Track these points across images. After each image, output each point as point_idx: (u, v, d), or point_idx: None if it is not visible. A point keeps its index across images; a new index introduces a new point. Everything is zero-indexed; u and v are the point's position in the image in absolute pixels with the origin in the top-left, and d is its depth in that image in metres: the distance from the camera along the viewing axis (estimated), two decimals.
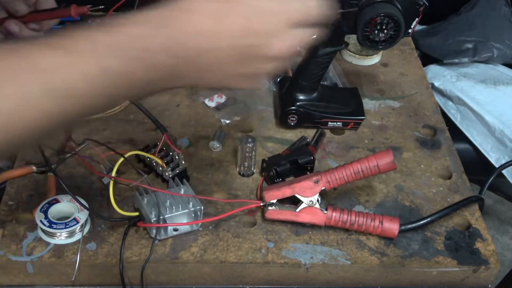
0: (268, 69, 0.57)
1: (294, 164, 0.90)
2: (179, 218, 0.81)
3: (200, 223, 0.83)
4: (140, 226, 0.81)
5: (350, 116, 1.01)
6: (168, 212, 0.80)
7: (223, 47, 0.54)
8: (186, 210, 0.81)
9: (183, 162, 0.90)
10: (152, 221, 0.78)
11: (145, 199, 0.81)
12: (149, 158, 0.89)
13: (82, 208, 0.82)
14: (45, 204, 0.82)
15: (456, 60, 1.77)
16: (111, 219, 0.81)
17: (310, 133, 1.01)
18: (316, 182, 0.82)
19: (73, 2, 0.82)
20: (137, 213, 0.80)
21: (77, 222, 0.80)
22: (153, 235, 0.80)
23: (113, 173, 0.79)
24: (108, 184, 0.83)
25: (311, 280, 0.83)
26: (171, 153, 0.91)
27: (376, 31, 0.85)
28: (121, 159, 0.79)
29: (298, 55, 0.96)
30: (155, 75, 0.53)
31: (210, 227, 0.84)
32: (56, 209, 0.82)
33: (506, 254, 1.97)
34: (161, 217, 0.78)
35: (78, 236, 0.81)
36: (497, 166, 1.35)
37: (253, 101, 1.07)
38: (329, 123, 1.01)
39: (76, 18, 0.79)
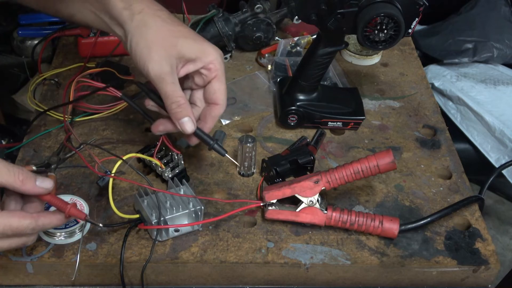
0: None
1: (294, 164, 0.90)
2: (180, 219, 0.81)
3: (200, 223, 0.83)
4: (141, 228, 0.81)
5: (350, 116, 1.01)
6: (168, 213, 0.80)
7: None
8: (187, 211, 0.81)
9: (182, 162, 0.90)
10: (153, 222, 0.78)
11: (145, 201, 0.81)
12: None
13: (83, 208, 0.82)
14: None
15: (456, 60, 1.77)
16: (113, 224, 0.81)
17: (310, 133, 1.01)
18: (316, 182, 0.82)
19: None
20: (137, 216, 0.80)
21: (77, 222, 0.80)
22: (153, 236, 0.80)
23: (112, 173, 0.78)
24: (104, 186, 0.83)
25: (311, 280, 0.83)
26: (170, 153, 0.91)
27: (376, 31, 0.85)
28: (120, 161, 0.79)
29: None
30: None
31: (210, 227, 0.84)
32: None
33: (506, 254, 1.97)
34: (162, 219, 0.78)
35: (78, 236, 0.81)
36: (497, 166, 1.35)
37: (253, 101, 1.08)
38: (329, 123, 1.01)
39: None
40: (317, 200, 0.82)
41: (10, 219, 0.66)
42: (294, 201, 0.83)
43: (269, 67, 1.13)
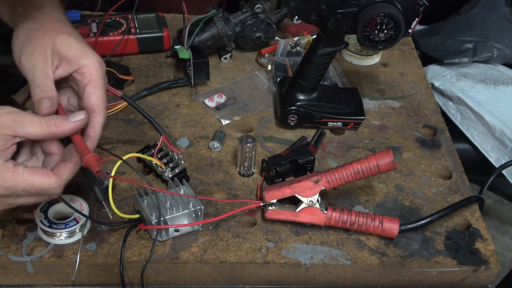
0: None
1: (294, 164, 0.90)
2: (180, 219, 0.81)
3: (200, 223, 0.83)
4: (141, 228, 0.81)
5: (350, 116, 1.01)
6: (168, 213, 0.80)
7: None
8: (187, 211, 0.81)
9: (182, 162, 0.90)
10: (153, 222, 0.78)
11: (145, 201, 0.81)
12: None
13: (83, 208, 0.82)
14: (45, 204, 0.82)
15: (456, 60, 1.77)
16: (113, 223, 0.81)
17: (310, 133, 1.01)
18: (316, 182, 0.82)
19: None
20: (137, 215, 0.80)
21: (77, 222, 0.80)
22: (153, 236, 0.80)
23: (112, 173, 0.78)
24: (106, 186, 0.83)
25: (311, 280, 0.83)
26: (170, 153, 0.91)
27: (376, 31, 0.85)
28: (120, 162, 0.79)
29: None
30: None
31: (210, 227, 0.84)
32: (56, 209, 0.82)
33: (506, 254, 1.97)
34: (162, 219, 0.78)
35: (78, 236, 0.81)
36: (497, 166, 1.35)
37: (253, 101, 1.08)
38: (329, 123, 1.01)
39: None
40: (317, 200, 0.82)
41: (33, 177, 0.63)
42: (294, 201, 0.83)
43: (269, 67, 1.13)
